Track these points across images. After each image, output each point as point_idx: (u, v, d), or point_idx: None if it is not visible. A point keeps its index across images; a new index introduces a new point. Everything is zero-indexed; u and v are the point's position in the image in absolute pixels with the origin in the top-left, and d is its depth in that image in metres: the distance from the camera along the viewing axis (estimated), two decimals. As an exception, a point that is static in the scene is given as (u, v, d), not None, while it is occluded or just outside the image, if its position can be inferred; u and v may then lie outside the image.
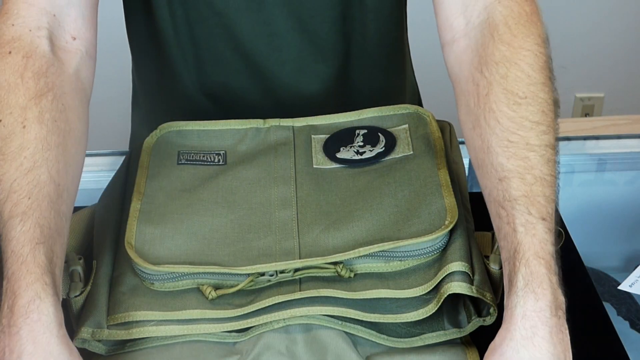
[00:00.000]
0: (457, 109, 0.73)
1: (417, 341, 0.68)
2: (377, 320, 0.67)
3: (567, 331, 0.59)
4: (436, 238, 0.67)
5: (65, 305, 0.67)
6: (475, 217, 0.74)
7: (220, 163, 0.79)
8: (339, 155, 0.78)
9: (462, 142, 1.06)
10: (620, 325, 0.73)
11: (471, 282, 0.65)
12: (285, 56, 0.90)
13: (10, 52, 0.67)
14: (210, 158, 0.79)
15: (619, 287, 0.74)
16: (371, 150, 0.78)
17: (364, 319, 0.67)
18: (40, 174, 0.62)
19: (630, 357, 0.68)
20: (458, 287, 0.65)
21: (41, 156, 0.63)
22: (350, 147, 0.79)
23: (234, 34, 0.88)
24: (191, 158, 0.79)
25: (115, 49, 1.00)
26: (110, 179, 0.80)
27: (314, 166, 0.78)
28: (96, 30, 0.75)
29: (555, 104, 0.67)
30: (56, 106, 0.66)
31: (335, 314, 0.66)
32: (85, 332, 0.65)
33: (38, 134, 0.63)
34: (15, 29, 0.68)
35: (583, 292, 0.77)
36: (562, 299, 0.59)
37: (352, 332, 0.67)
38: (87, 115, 0.71)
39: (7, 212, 0.60)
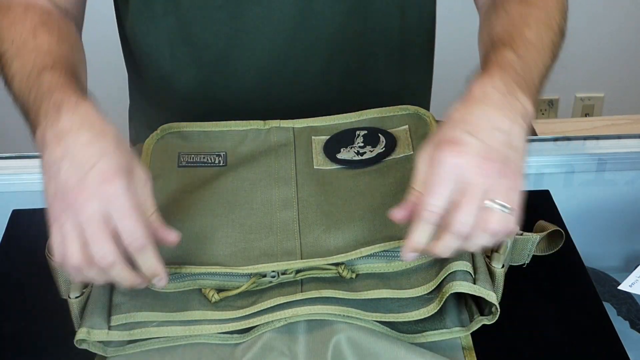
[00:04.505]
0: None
1: (420, 337, 0.68)
2: (379, 320, 0.67)
3: (523, 114, 0.62)
4: None
5: (66, 306, 0.67)
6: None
7: (221, 164, 0.79)
8: (339, 156, 0.78)
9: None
10: (620, 325, 0.74)
11: (473, 281, 0.65)
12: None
13: (9, 8, 0.77)
14: (211, 159, 0.79)
15: (619, 287, 0.74)
16: (371, 151, 0.78)
17: (366, 318, 0.67)
18: (60, 54, 0.72)
19: (630, 357, 0.68)
20: (460, 286, 0.65)
21: (56, 47, 0.73)
22: (351, 147, 0.79)
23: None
24: (192, 160, 0.79)
25: (115, 47, 1.00)
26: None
27: (315, 167, 0.78)
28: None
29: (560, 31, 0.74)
30: (58, 30, 0.76)
31: (336, 313, 0.66)
32: (85, 332, 0.65)
33: (50, 39, 0.73)
34: None
35: (583, 292, 0.77)
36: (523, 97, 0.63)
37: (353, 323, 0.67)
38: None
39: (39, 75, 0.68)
